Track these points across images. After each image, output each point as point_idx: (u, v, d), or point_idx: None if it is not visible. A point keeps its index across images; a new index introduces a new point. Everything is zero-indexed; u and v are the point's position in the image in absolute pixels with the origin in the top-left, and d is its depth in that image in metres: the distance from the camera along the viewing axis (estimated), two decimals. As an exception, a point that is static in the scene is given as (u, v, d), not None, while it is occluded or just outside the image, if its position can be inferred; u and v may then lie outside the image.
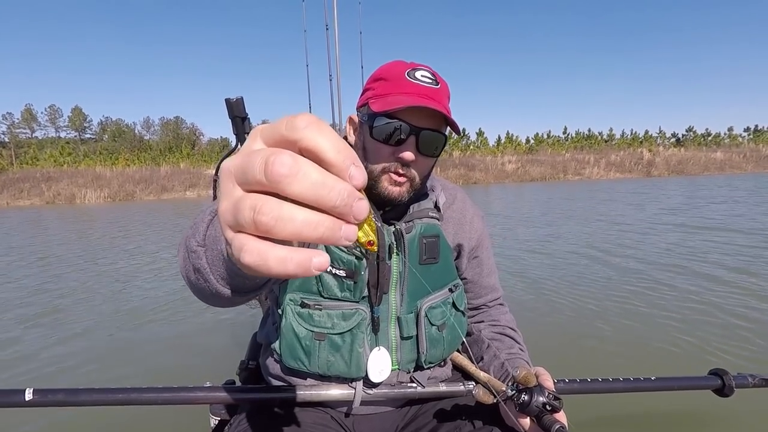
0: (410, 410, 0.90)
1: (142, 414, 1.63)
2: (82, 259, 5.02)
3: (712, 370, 1.22)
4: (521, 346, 0.95)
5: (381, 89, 0.75)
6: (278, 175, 0.21)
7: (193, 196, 20.57)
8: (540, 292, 3.18)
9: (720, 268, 3.63)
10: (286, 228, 0.21)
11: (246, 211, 0.22)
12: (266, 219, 0.21)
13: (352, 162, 0.23)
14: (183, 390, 0.90)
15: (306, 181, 0.21)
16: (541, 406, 0.68)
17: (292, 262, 0.22)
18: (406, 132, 0.73)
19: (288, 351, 0.81)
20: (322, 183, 0.21)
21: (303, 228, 0.22)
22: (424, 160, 0.77)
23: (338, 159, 0.22)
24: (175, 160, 28.78)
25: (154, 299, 3.32)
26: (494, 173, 24.00)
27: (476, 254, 0.97)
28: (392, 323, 0.84)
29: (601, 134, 35.90)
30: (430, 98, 0.73)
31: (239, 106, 1.16)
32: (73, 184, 19.78)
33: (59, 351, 2.38)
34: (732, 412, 1.55)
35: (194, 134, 43.85)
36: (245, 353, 1.07)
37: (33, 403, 0.86)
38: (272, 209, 0.21)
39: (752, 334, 2.27)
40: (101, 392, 0.89)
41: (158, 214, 11.05)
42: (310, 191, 0.21)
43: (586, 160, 26.71)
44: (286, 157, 0.21)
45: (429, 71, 0.77)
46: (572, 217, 7.49)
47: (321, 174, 0.22)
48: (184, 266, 0.57)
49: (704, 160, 27.07)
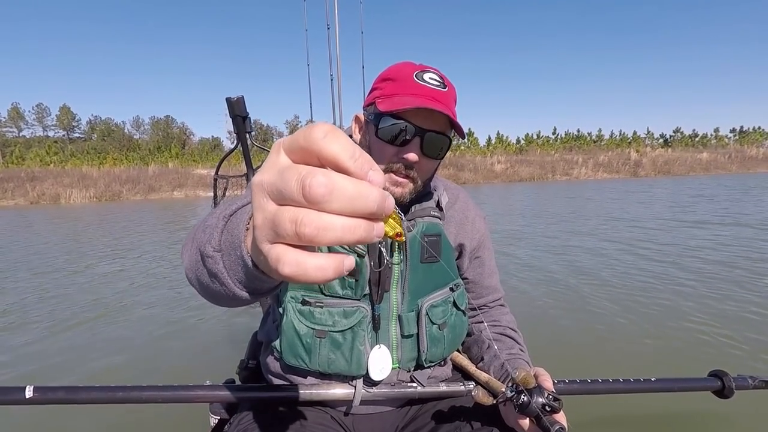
0: (410, 410, 0.90)
1: (142, 412, 1.62)
2: (69, 258, 4.94)
3: (712, 372, 1.20)
4: (522, 346, 0.95)
5: (388, 89, 0.76)
6: (317, 195, 0.22)
7: (181, 196, 20.41)
8: (540, 292, 3.19)
9: (720, 267, 3.64)
10: (328, 236, 0.23)
11: (287, 224, 0.23)
12: (309, 230, 0.23)
13: (370, 167, 0.24)
14: (183, 388, 0.90)
15: (343, 197, 0.22)
16: (540, 407, 0.68)
17: (330, 269, 0.24)
18: (411, 133, 0.73)
19: (288, 348, 0.81)
20: (358, 195, 0.23)
21: (344, 234, 0.23)
22: (428, 162, 0.78)
23: (356, 166, 0.23)
24: (164, 160, 28.55)
25: (153, 298, 3.31)
26: (483, 173, 24.12)
27: (478, 254, 0.97)
28: (393, 321, 0.84)
29: (591, 135, 36.20)
30: (437, 101, 0.73)
31: (240, 105, 1.16)
32: (59, 183, 19.53)
33: (57, 349, 2.38)
34: (732, 414, 1.54)
35: (184, 133, 43.52)
36: (245, 352, 1.07)
37: (33, 400, 0.85)
38: (313, 221, 0.23)
39: (752, 334, 2.28)
40: (101, 390, 0.89)
41: (147, 214, 10.94)
42: (348, 205, 0.23)
43: (574, 160, 26.94)
44: (321, 177, 0.22)
45: (437, 74, 0.77)
46: (568, 217, 7.55)
47: (354, 186, 0.23)
48: (195, 269, 0.56)
49: (690, 160, 27.44)
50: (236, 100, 1.15)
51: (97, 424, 1.62)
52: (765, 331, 2.33)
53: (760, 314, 2.57)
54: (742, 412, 1.54)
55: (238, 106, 1.16)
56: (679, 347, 2.19)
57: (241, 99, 1.16)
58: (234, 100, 1.15)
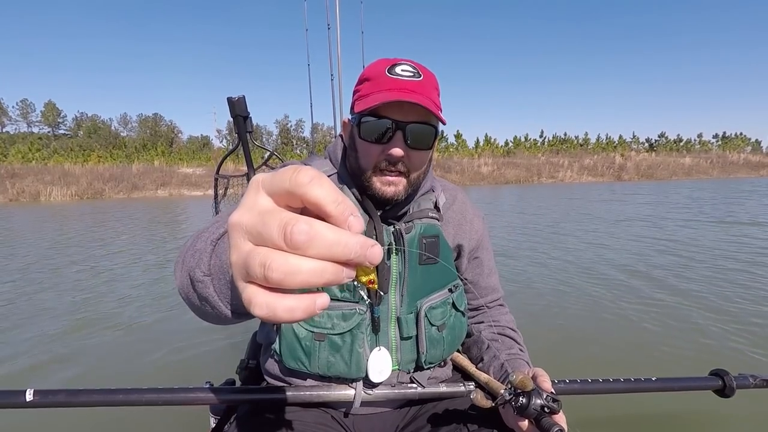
0: (410, 411, 0.90)
1: (142, 414, 1.63)
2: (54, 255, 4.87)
3: (713, 371, 1.19)
4: (521, 346, 0.95)
5: (365, 89, 0.76)
6: (298, 242, 0.23)
7: (165, 194, 20.23)
8: (539, 292, 3.19)
9: (720, 266, 3.67)
10: (295, 280, 0.24)
11: (256, 268, 0.24)
12: (276, 275, 0.24)
13: (350, 213, 0.25)
14: (183, 391, 0.89)
15: (323, 244, 0.24)
16: (539, 409, 0.68)
17: (299, 310, 0.25)
18: (392, 128, 0.73)
19: (288, 351, 0.80)
20: (336, 242, 0.24)
21: (310, 278, 0.24)
22: (416, 154, 0.77)
23: (338, 211, 0.25)
24: (150, 158, 28.25)
25: (152, 299, 3.30)
26: (470, 175, 24.28)
27: (476, 255, 0.97)
28: (392, 323, 0.84)
29: (578, 138, 36.63)
30: (411, 91, 0.72)
31: (241, 105, 1.16)
32: (39, 181, 19.22)
33: (58, 351, 2.36)
34: (733, 413, 1.55)
35: (173, 131, 43.09)
36: (245, 352, 1.06)
37: (33, 404, 0.84)
38: (280, 265, 0.24)
39: (753, 334, 2.29)
40: (102, 393, 0.88)
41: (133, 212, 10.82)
42: (326, 252, 0.24)
43: (560, 163, 27.24)
44: (303, 225, 0.23)
45: (410, 64, 0.76)
46: (564, 218, 7.64)
47: (334, 234, 0.24)
48: (186, 292, 0.57)
49: (673, 165, 27.94)
50: (237, 99, 1.15)
51: (98, 426, 1.62)
52: (765, 329, 2.33)
53: (761, 312, 2.58)
54: (743, 411, 1.54)
55: (239, 105, 1.16)
56: (679, 346, 2.19)
57: (242, 99, 1.15)
58: (235, 100, 1.15)
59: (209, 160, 29.54)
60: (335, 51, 3.35)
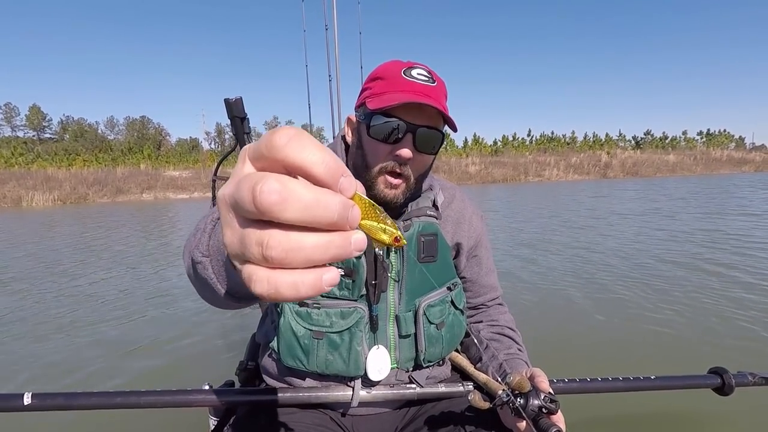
0: (409, 411, 0.90)
1: (141, 417, 1.61)
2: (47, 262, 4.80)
3: (712, 369, 1.20)
4: (520, 346, 0.94)
5: (378, 88, 0.76)
6: (268, 204, 0.20)
7: (150, 198, 20.05)
8: (539, 292, 3.19)
9: (719, 265, 3.67)
10: (298, 257, 0.21)
11: (253, 248, 0.21)
12: (275, 253, 0.21)
13: (341, 173, 0.22)
14: (182, 393, 0.89)
15: (298, 204, 0.20)
16: (536, 410, 0.68)
17: (304, 286, 0.22)
18: (403, 130, 0.73)
19: (286, 350, 0.80)
20: (315, 202, 0.20)
21: (314, 252, 0.21)
22: (422, 158, 0.77)
23: (326, 172, 0.21)
24: (136, 161, 27.99)
25: (151, 300, 3.29)
26: (458, 175, 24.39)
27: (475, 253, 0.97)
28: (391, 322, 0.84)
29: (565, 137, 36.97)
30: (426, 95, 0.73)
31: (238, 106, 1.15)
32: (21, 186, 18.96)
33: (55, 354, 2.35)
34: (732, 411, 1.54)
35: (160, 134, 42.73)
36: (244, 353, 1.06)
37: (32, 407, 0.84)
38: (280, 242, 0.21)
39: (752, 332, 2.29)
40: (100, 396, 0.87)
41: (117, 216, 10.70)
42: (304, 214, 0.20)
43: (547, 162, 27.47)
44: (272, 182, 0.20)
45: (425, 69, 0.77)
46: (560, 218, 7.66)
47: (312, 192, 0.20)
48: (190, 274, 0.57)
49: (657, 162, 28.32)
50: (234, 101, 1.14)
51: (96, 429, 1.61)
52: (765, 327, 2.34)
53: (761, 310, 2.58)
54: (742, 409, 1.53)
55: (237, 107, 1.15)
56: (678, 345, 2.19)
57: (239, 100, 1.15)
58: (232, 101, 1.14)
59: (197, 163, 29.34)
60: (333, 52, 3.35)
